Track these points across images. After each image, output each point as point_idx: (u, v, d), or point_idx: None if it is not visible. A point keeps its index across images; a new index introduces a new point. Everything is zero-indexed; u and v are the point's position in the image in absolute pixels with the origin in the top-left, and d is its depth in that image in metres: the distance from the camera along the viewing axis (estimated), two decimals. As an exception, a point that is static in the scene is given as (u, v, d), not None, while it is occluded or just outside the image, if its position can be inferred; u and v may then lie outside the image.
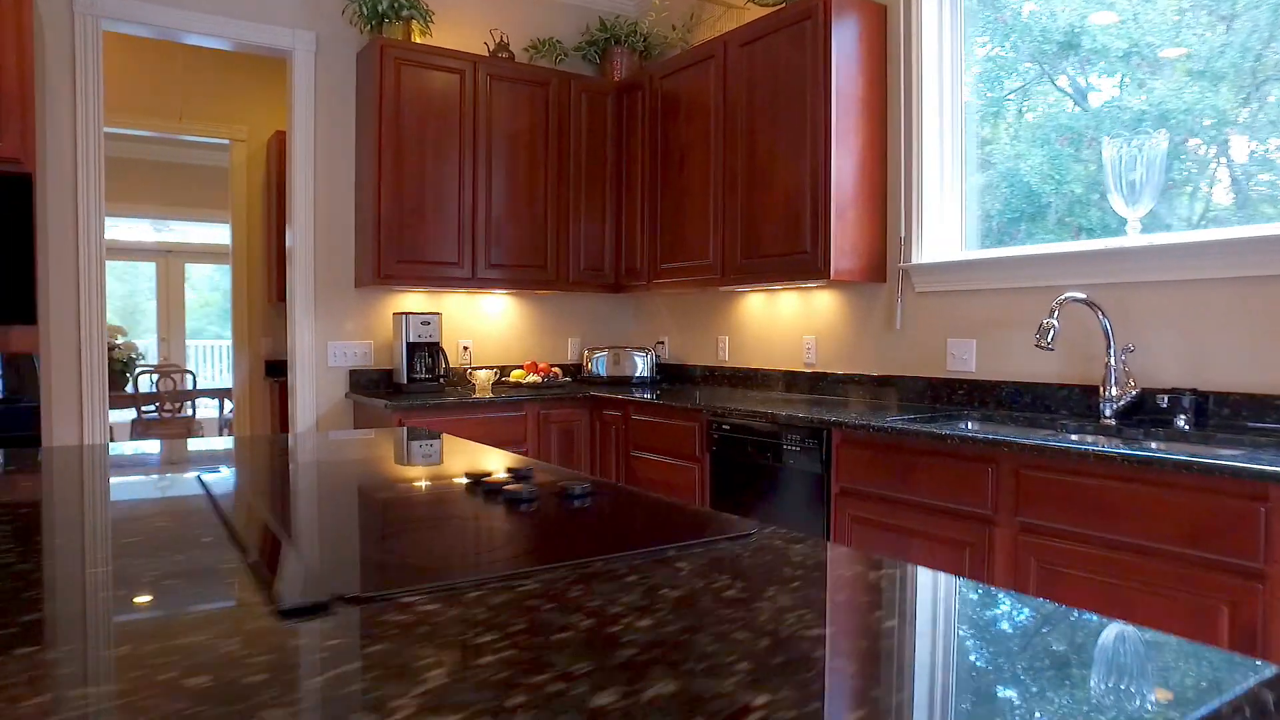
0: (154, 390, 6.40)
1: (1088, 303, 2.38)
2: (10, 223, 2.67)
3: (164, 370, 6.61)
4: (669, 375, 4.42)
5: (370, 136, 3.66)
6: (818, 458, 2.69)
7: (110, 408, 6.46)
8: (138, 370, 6.60)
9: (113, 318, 8.11)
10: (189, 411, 6.71)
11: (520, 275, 4.00)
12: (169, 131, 5.32)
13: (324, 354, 3.86)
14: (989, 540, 2.16)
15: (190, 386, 6.69)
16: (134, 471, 1.58)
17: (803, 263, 3.17)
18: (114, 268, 8.24)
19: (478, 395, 3.63)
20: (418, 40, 3.80)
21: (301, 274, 3.78)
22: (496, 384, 4.20)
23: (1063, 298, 2.35)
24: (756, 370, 3.86)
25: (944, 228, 3.10)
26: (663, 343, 4.50)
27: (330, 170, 3.84)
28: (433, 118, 3.73)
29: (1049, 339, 2.29)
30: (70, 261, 3.33)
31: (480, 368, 4.24)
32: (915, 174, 3.09)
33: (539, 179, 4.03)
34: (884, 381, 3.24)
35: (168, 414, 6.47)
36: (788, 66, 3.23)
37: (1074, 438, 2.34)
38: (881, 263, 3.23)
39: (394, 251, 3.66)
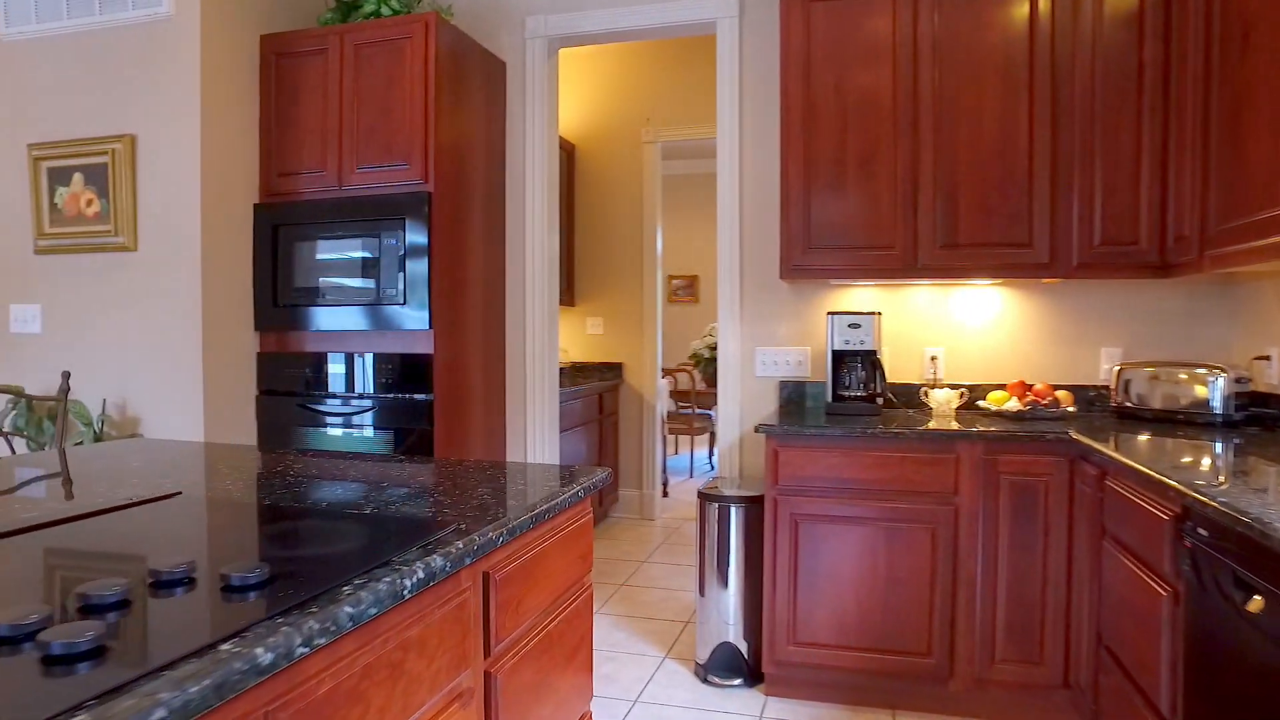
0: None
1: None
2: (415, 237, 2.97)
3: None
4: (1274, 412, 2.60)
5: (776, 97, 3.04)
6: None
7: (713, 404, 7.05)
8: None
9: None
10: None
11: (988, 259, 2.83)
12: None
13: (750, 361, 3.39)
14: None
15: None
16: None
17: None
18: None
19: (900, 426, 2.69)
20: (849, -32, 3.00)
21: (726, 269, 3.38)
22: (965, 408, 3.09)
23: None
24: None
25: None
26: (1268, 358, 2.67)
27: (758, 144, 3.33)
28: (855, 62, 2.89)
29: None
30: (519, 266, 3.60)
31: (939, 385, 3.18)
32: None
33: (1017, 118, 2.78)
34: None
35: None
36: None
37: None
38: None
39: (802, 237, 2.97)
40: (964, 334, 3.18)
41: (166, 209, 2.97)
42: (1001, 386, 3.08)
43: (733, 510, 2.92)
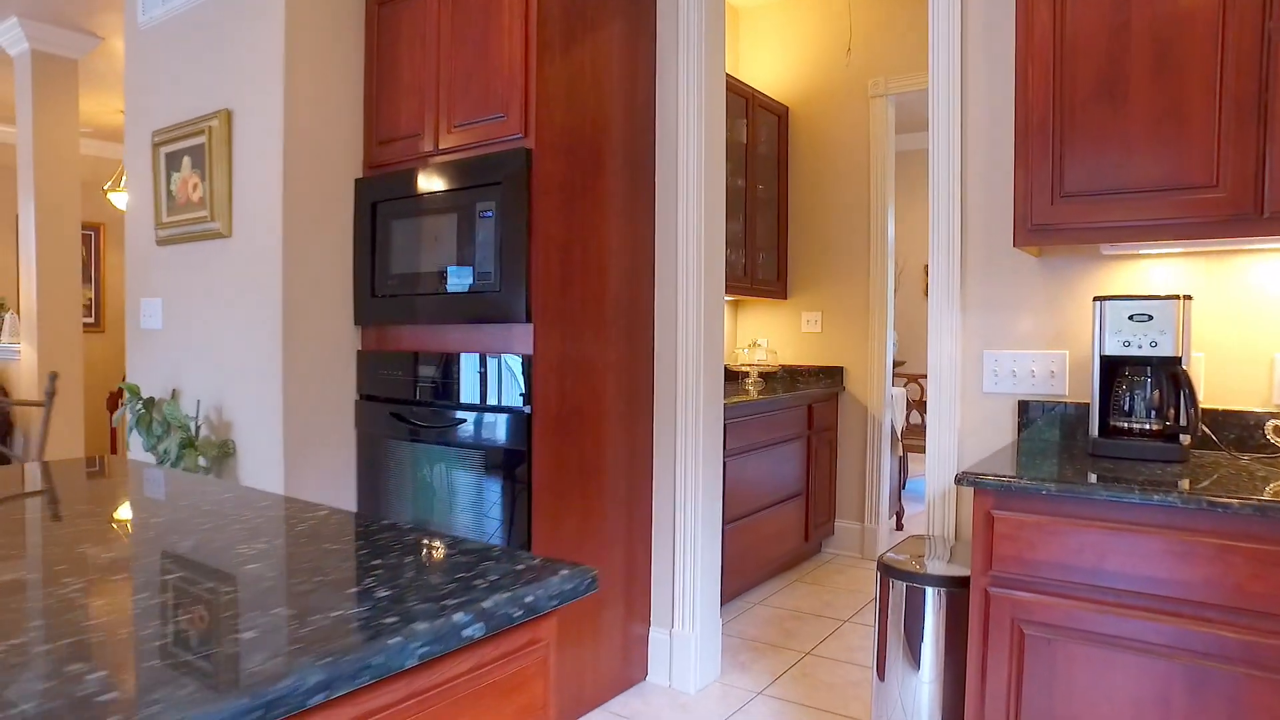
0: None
1: None
2: (512, 204, 2.34)
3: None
4: None
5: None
6: None
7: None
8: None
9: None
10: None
11: None
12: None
13: (975, 370, 2.35)
14: None
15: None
16: None
17: None
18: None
19: (1223, 488, 1.59)
20: None
21: (942, 234, 2.37)
22: (1353, 457, 1.84)
23: None
24: None
25: None
26: None
27: (989, 50, 2.29)
28: (1141, -112, 1.78)
29: None
30: (670, 248, 2.84)
31: (1301, 417, 1.92)
32: None
33: None
34: None
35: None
36: None
37: None
38: None
39: (1050, 181, 1.91)
40: (1352, 331, 1.91)
41: (255, 189, 2.62)
42: None
43: (928, 595, 1.95)
